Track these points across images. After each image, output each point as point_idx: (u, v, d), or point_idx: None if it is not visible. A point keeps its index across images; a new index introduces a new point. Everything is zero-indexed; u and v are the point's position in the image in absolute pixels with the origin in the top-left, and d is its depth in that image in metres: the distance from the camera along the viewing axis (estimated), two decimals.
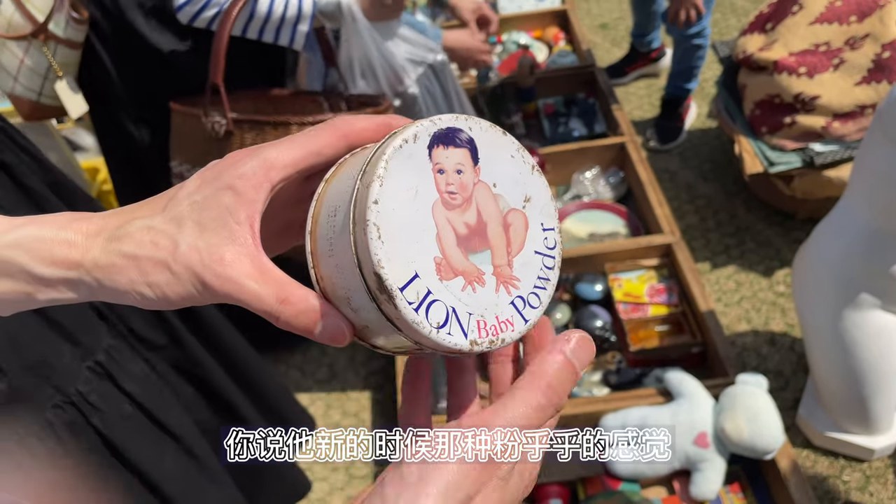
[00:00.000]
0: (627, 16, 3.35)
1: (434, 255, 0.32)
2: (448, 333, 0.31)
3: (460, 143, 0.34)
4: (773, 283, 2.03)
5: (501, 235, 0.34)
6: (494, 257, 0.34)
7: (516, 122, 2.33)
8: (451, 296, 0.32)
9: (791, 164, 1.94)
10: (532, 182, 0.36)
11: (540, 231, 0.36)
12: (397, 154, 0.31)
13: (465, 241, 0.33)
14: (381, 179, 0.31)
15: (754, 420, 1.33)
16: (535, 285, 0.35)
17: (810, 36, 1.94)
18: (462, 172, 0.33)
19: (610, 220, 1.99)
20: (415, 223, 0.31)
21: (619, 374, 1.60)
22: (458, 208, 0.33)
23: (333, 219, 0.32)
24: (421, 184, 0.32)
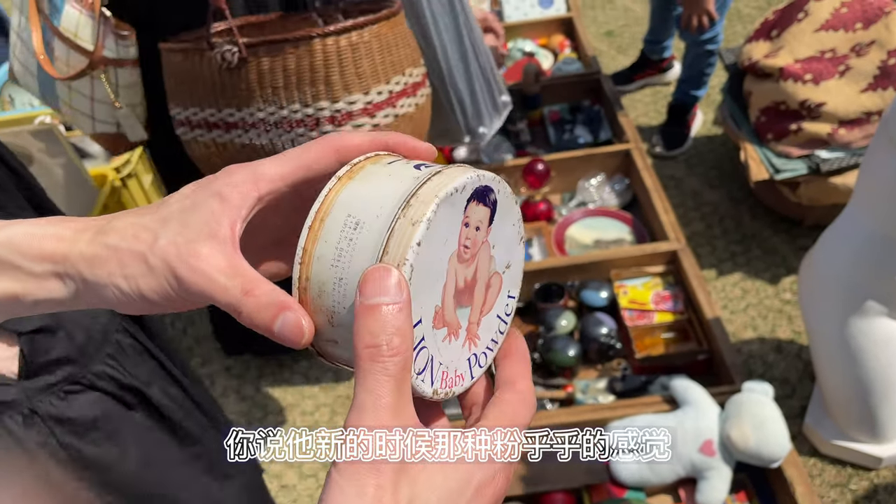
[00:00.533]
0: (633, 23, 3.36)
1: (436, 303, 0.32)
2: (422, 380, 0.32)
3: (487, 203, 0.34)
4: (779, 290, 2.02)
5: (482, 295, 0.35)
6: (472, 314, 0.35)
7: (521, 129, 2.33)
8: (434, 344, 0.33)
9: (797, 170, 1.93)
10: (517, 251, 0.37)
11: (506, 297, 0.37)
12: (447, 201, 0.31)
13: (459, 294, 0.34)
14: (429, 223, 0.31)
15: (760, 428, 1.32)
16: (488, 346, 0.36)
17: (816, 43, 1.94)
18: (479, 230, 0.34)
19: (615, 227, 1.99)
20: (436, 270, 0.32)
21: (624, 381, 1.59)
22: (466, 263, 0.34)
23: (354, 232, 0.32)
24: (451, 234, 0.32)
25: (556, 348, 1.62)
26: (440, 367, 0.33)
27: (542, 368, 1.66)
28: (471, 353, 0.35)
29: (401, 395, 0.29)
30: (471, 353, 0.35)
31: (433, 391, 0.33)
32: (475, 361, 0.35)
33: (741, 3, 3.33)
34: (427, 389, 0.32)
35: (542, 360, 1.65)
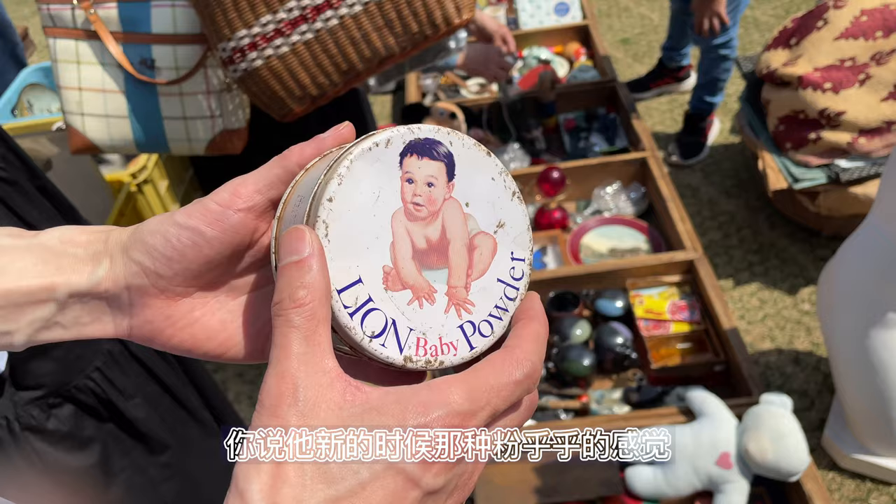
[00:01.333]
0: (650, 31, 3.35)
1: (384, 263, 0.31)
2: (382, 345, 0.31)
3: (436, 156, 0.33)
4: (797, 300, 2.00)
5: (464, 256, 0.33)
6: (451, 277, 0.33)
7: (537, 136, 2.33)
8: (393, 307, 0.31)
9: (816, 180, 1.91)
10: (510, 208, 0.35)
11: (508, 259, 0.35)
12: (364, 156, 0.31)
13: (421, 255, 0.32)
14: (340, 178, 0.30)
15: (779, 441, 1.30)
16: (491, 313, 0.34)
17: (835, 51, 1.92)
18: (433, 186, 0.33)
19: (631, 236, 1.97)
20: (369, 228, 0.31)
21: (639, 392, 1.58)
22: (422, 221, 0.32)
23: (297, 208, 0.32)
24: (385, 190, 0.31)
25: (570, 358, 1.61)
26: (411, 333, 0.32)
27: (556, 378, 1.65)
28: (463, 320, 0.33)
29: (310, 344, 0.28)
30: (463, 321, 0.33)
31: (404, 357, 0.31)
32: (473, 330, 0.33)
33: (759, 11, 3.30)
34: (392, 354, 0.31)
35: (557, 369, 1.63)
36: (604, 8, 3.59)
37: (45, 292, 0.35)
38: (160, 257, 0.35)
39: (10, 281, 0.35)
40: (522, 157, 2.23)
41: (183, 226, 0.34)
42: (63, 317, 0.36)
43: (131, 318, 0.36)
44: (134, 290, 0.36)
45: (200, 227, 0.34)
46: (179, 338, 0.37)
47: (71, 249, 0.36)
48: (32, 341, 0.36)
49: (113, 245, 0.36)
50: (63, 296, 0.35)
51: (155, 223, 0.35)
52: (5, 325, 0.35)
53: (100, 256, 0.36)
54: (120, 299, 0.36)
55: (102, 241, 0.36)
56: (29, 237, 0.36)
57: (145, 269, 0.35)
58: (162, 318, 0.36)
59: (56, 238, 0.36)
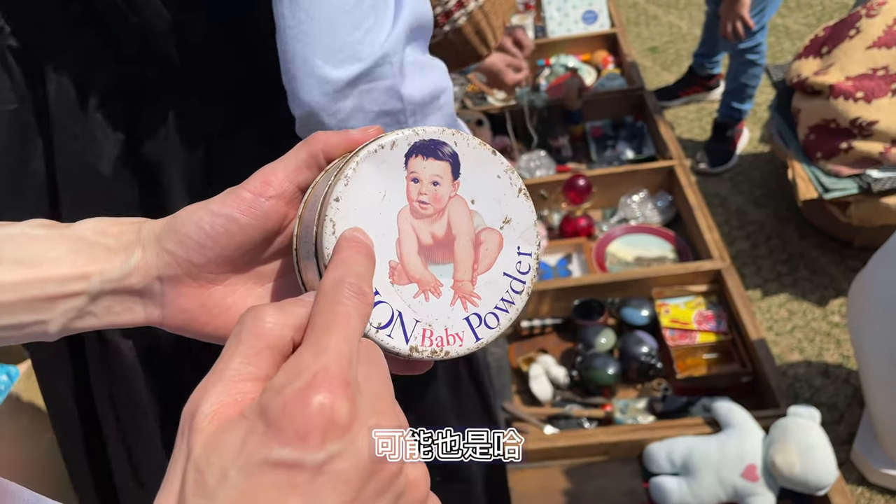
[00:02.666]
0: (678, 40, 3.33)
1: (390, 258, 0.33)
2: (388, 335, 0.32)
3: (441, 157, 0.34)
4: (827, 312, 1.97)
5: (469, 251, 0.35)
6: (457, 272, 0.34)
7: (563, 144, 2.32)
8: (400, 300, 0.33)
9: (847, 190, 1.89)
10: (516, 205, 0.36)
11: (515, 254, 0.36)
12: (370, 158, 0.32)
13: (427, 250, 0.33)
14: (347, 179, 0.32)
15: (807, 454, 1.28)
16: (497, 306, 0.35)
17: (868, 60, 1.89)
18: (438, 185, 0.34)
19: (657, 245, 1.96)
20: (375, 225, 0.33)
21: (664, 401, 1.56)
22: (427, 218, 0.34)
23: (312, 209, 0.34)
24: (391, 189, 0.33)
25: (595, 366, 1.60)
26: (417, 324, 0.33)
27: (580, 386, 1.64)
28: (469, 312, 0.34)
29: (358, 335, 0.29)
30: (469, 313, 0.34)
31: (410, 348, 0.32)
32: (479, 322, 0.34)
33: (790, 19, 3.27)
34: (398, 345, 0.32)
35: (581, 377, 1.63)
36: (632, 16, 3.58)
37: (79, 282, 0.36)
38: (193, 245, 0.36)
39: (46, 270, 0.36)
40: (549, 165, 2.23)
41: (217, 213, 0.35)
42: (95, 307, 0.37)
43: (163, 308, 0.37)
44: (166, 280, 0.36)
45: (234, 214, 0.35)
46: (214, 325, 0.38)
47: (103, 240, 0.37)
48: (66, 330, 0.37)
49: (146, 235, 0.37)
50: (96, 286, 0.36)
51: (188, 212, 0.36)
52: (41, 314, 0.36)
53: (132, 246, 0.37)
54: (152, 289, 0.37)
55: (135, 232, 0.37)
56: (62, 227, 0.37)
57: (178, 259, 0.36)
58: (196, 305, 0.37)
59: (89, 229, 0.37)
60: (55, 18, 0.70)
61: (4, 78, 0.72)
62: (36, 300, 0.36)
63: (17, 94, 0.73)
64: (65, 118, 0.73)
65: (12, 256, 0.36)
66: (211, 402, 0.26)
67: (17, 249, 0.36)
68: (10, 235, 0.36)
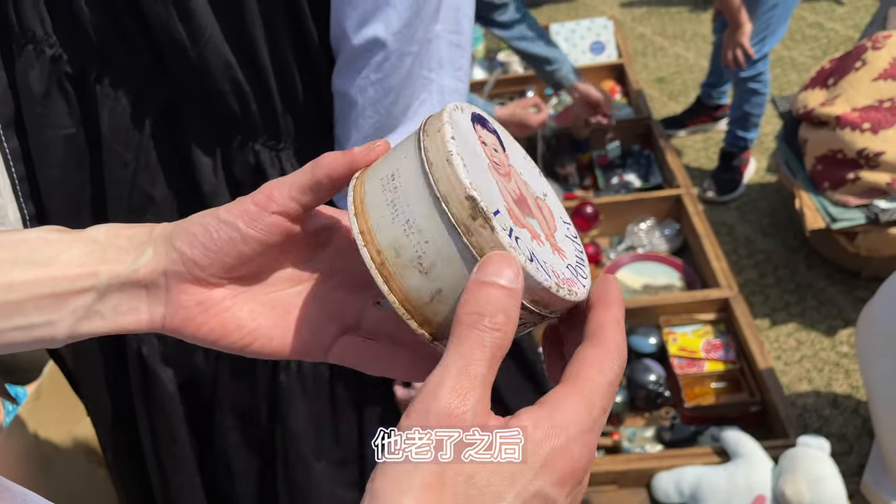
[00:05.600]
0: (685, 70, 3.36)
1: (501, 204, 0.31)
2: (536, 269, 0.30)
3: (490, 130, 0.35)
4: (835, 342, 1.96)
5: (539, 212, 0.35)
6: (541, 227, 0.34)
7: (570, 172, 2.34)
8: (525, 241, 0.31)
9: (854, 220, 1.89)
10: (543, 182, 0.38)
11: (562, 222, 0.37)
12: (454, 113, 0.32)
13: (518, 203, 0.33)
14: (449, 124, 0.31)
15: (816, 485, 1.27)
16: (578, 261, 0.35)
17: (874, 92, 1.91)
18: (498, 152, 0.34)
19: (665, 273, 1.97)
20: (482, 174, 0.31)
21: (673, 430, 1.55)
22: (505, 177, 0.33)
23: (393, 181, 0.32)
24: (475, 147, 0.32)
25: None
26: (546, 264, 0.31)
27: None
28: (565, 262, 0.33)
29: (488, 372, 0.28)
30: (566, 263, 0.33)
31: (554, 284, 0.30)
32: (575, 273, 0.34)
33: (795, 51, 3.30)
34: (546, 279, 0.30)
35: None
36: (639, 47, 3.62)
37: (88, 279, 0.37)
38: (199, 246, 0.36)
39: (58, 270, 0.36)
40: (557, 192, 2.25)
41: (223, 220, 0.36)
42: (102, 305, 0.37)
43: (166, 306, 0.38)
44: (171, 275, 0.37)
45: (238, 223, 0.36)
46: (210, 326, 0.38)
47: (117, 241, 0.38)
48: (73, 334, 0.38)
49: (158, 235, 0.38)
50: (104, 283, 0.37)
51: (198, 216, 0.37)
52: (50, 314, 0.37)
53: (144, 246, 0.38)
54: (157, 284, 0.37)
55: (147, 233, 0.38)
56: (77, 232, 0.38)
57: (184, 257, 0.37)
58: (194, 303, 0.38)
59: (104, 232, 0.38)
60: (112, 47, 0.71)
61: (62, 104, 0.73)
62: (46, 298, 0.36)
63: (74, 119, 0.74)
64: (117, 144, 0.74)
65: (27, 258, 0.36)
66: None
67: (33, 252, 0.37)
68: (26, 239, 0.37)
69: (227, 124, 0.74)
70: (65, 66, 0.72)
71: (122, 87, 0.73)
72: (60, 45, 0.71)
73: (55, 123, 0.73)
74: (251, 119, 0.74)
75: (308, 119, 0.76)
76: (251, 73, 0.71)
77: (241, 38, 0.69)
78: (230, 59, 0.69)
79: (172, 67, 0.71)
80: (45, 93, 0.72)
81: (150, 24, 0.68)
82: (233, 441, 0.93)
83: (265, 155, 0.76)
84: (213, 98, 0.72)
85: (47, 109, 0.72)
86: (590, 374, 0.30)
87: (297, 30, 0.70)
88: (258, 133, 0.75)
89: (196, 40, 0.67)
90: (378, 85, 0.70)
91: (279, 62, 0.71)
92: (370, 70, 0.69)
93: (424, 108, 0.74)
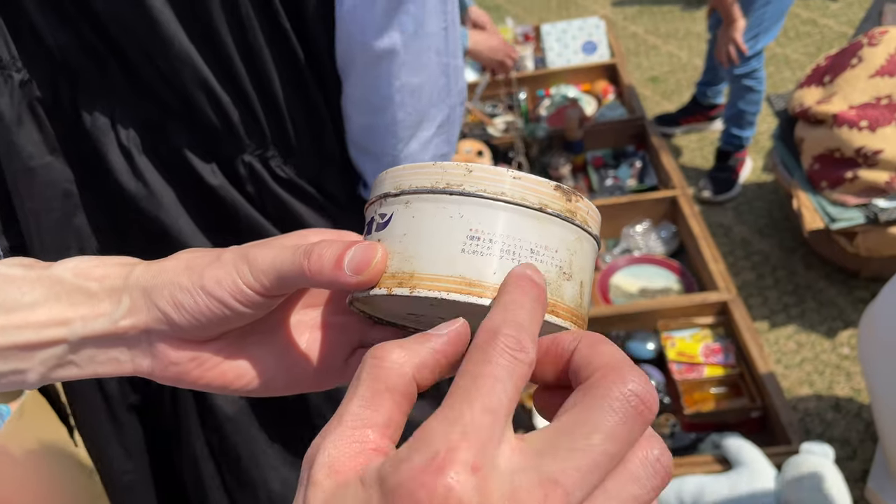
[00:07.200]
0: (678, 69, 3.33)
1: None
2: None
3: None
4: (836, 344, 1.93)
5: None
6: None
7: (564, 174, 2.31)
8: None
9: (853, 220, 1.86)
10: None
11: None
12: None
13: None
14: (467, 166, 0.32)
15: (820, 493, 1.24)
16: None
17: (871, 89, 1.88)
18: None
19: (662, 276, 1.93)
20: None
21: (673, 438, 1.52)
22: None
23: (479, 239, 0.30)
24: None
25: None
26: None
27: None
28: None
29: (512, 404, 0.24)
30: None
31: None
32: None
33: (789, 49, 3.28)
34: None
35: None
36: (631, 46, 3.59)
37: (57, 329, 0.33)
38: (186, 314, 0.33)
39: (21, 316, 0.33)
40: None
41: (213, 295, 0.33)
42: (76, 356, 0.34)
43: (153, 360, 0.35)
44: (155, 334, 0.34)
45: (230, 302, 0.33)
46: (207, 379, 0.35)
47: (85, 283, 0.34)
48: (46, 379, 0.35)
49: (134, 283, 0.34)
50: (77, 335, 0.34)
51: (184, 277, 0.33)
52: (17, 363, 0.34)
53: (118, 294, 0.34)
54: (139, 341, 0.34)
55: (121, 277, 0.34)
56: (41, 268, 0.35)
57: (170, 320, 0.33)
58: (187, 359, 0.35)
59: (70, 270, 0.35)
60: (80, 66, 0.67)
61: (34, 131, 0.69)
62: (11, 348, 0.33)
63: (48, 147, 0.70)
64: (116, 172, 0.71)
65: None
66: (328, 451, 0.24)
67: None
68: None
69: (213, 138, 0.72)
70: (35, 90, 0.68)
71: (97, 109, 0.69)
72: (28, 68, 0.67)
73: (29, 153, 0.69)
74: (234, 130, 0.71)
75: (298, 125, 0.74)
76: (226, 80, 0.68)
77: (211, 45, 0.66)
78: (202, 67, 0.66)
79: (146, 83, 0.68)
80: (17, 120, 0.68)
81: (111, 35, 0.65)
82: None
83: (257, 165, 0.74)
84: (193, 112, 0.69)
85: (20, 139, 0.68)
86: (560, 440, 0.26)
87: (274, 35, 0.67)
88: (244, 144, 0.73)
89: (164, 50, 0.65)
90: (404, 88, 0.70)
91: (256, 69, 0.69)
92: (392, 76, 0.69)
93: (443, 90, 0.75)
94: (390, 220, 0.32)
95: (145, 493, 0.93)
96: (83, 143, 0.70)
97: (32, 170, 0.70)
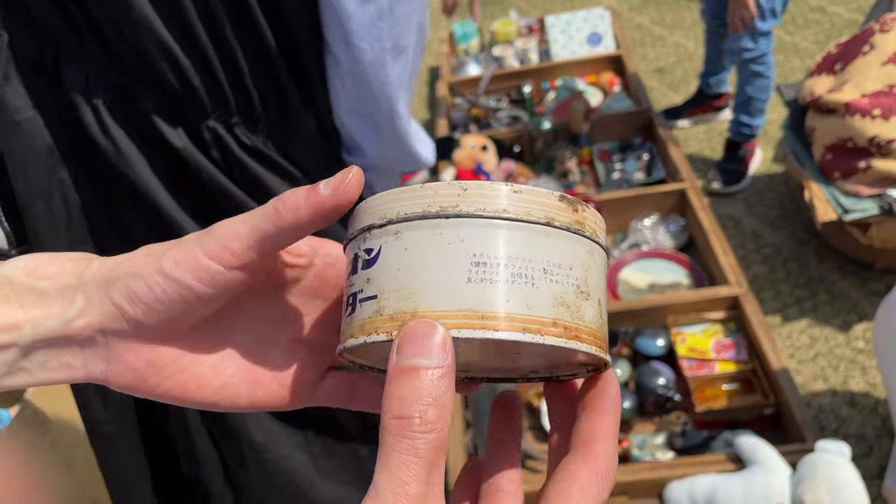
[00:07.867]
0: (685, 59, 3.29)
1: None
2: None
3: None
4: (850, 338, 1.89)
5: None
6: None
7: (571, 167, 2.27)
8: None
9: (867, 210, 1.82)
10: None
11: None
12: None
13: None
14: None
15: (837, 492, 1.21)
16: None
17: (883, 77, 1.84)
18: None
19: (671, 270, 1.90)
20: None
21: (684, 436, 1.49)
22: None
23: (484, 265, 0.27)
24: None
25: None
26: None
27: None
28: None
29: (430, 484, 0.24)
30: None
31: None
32: None
33: (798, 37, 3.23)
34: None
35: None
36: (637, 37, 3.55)
37: (7, 333, 0.31)
38: (142, 305, 0.30)
39: None
40: (556, 189, 2.18)
41: (170, 277, 0.30)
42: (28, 362, 0.32)
43: (108, 364, 0.32)
44: (111, 334, 0.31)
45: (190, 282, 0.30)
46: (165, 387, 0.32)
47: (37, 283, 0.31)
48: None
49: (90, 279, 0.31)
50: (27, 338, 0.31)
51: (141, 264, 0.30)
52: None
53: (71, 292, 0.31)
54: (94, 342, 0.31)
55: (75, 274, 0.32)
56: None
57: (125, 315, 0.30)
58: (145, 364, 0.32)
59: (20, 269, 0.32)
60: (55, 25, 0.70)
61: (19, 87, 0.72)
62: None
63: (33, 102, 0.73)
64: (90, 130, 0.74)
65: None
66: None
67: None
68: None
69: (177, 103, 0.75)
70: (23, 50, 0.71)
71: (74, 71, 0.73)
72: (15, 30, 0.70)
73: (15, 107, 0.72)
74: (196, 95, 0.74)
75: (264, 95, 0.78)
76: (187, 46, 0.71)
77: (172, 10, 0.69)
78: (163, 32, 0.69)
79: (113, 47, 0.71)
80: (4, 77, 0.71)
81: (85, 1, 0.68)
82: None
83: (221, 130, 0.77)
84: (156, 76, 0.72)
85: (7, 93, 0.71)
86: (574, 495, 0.26)
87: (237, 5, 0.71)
88: (208, 110, 0.76)
89: (125, 15, 0.67)
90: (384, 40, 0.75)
91: (218, 36, 0.72)
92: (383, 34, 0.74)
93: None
94: (378, 254, 0.28)
95: (126, 444, 0.93)
96: (62, 101, 0.74)
97: (18, 123, 0.73)
